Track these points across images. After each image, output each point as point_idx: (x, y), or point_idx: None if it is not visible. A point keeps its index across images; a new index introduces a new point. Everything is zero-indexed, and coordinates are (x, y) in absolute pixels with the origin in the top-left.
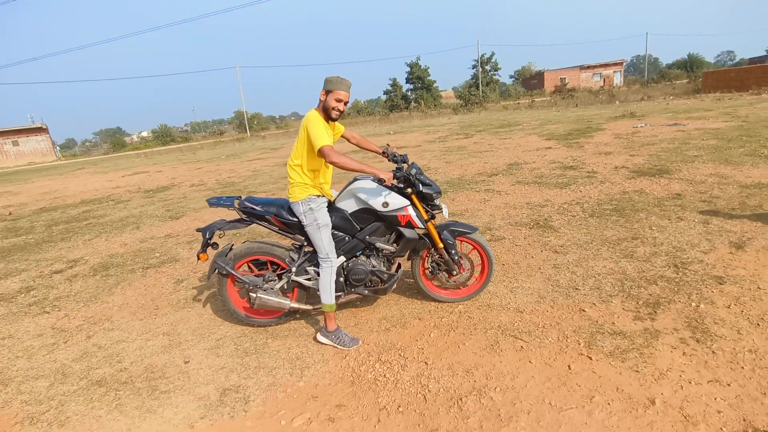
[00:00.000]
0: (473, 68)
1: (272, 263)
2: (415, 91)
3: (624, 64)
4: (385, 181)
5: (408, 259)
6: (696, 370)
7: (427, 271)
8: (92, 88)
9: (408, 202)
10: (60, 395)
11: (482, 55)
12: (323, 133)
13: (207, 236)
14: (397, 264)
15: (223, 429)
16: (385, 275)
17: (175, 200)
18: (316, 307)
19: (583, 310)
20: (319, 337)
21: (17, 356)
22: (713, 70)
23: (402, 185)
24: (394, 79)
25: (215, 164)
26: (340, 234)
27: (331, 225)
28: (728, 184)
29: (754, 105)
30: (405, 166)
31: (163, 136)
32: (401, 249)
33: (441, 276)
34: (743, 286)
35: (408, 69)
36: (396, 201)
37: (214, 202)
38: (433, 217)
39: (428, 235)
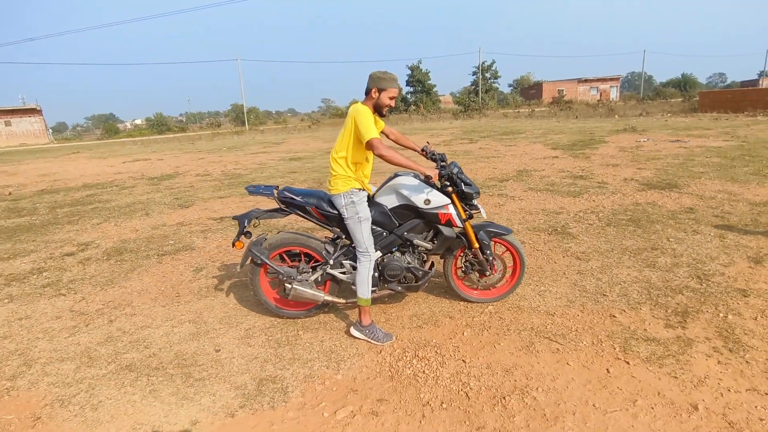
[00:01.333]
0: (473, 75)
1: (306, 255)
2: (415, 94)
3: (620, 79)
4: (431, 178)
5: (441, 258)
6: (733, 378)
7: (459, 271)
8: (86, 73)
9: (449, 201)
10: (89, 378)
11: (483, 63)
12: (372, 126)
13: (245, 224)
14: (430, 262)
15: (264, 419)
16: (420, 272)
17: (182, 189)
18: (349, 300)
19: (614, 316)
20: (353, 331)
21: (37, 337)
22: (708, 90)
23: (446, 183)
24: None
25: (218, 155)
26: (378, 229)
27: (370, 219)
28: (738, 201)
29: (751, 126)
30: (444, 164)
31: (159, 125)
32: (438, 247)
33: (473, 276)
34: (767, 300)
35: (409, 72)
36: (438, 199)
37: (253, 190)
38: (470, 216)
39: (464, 234)
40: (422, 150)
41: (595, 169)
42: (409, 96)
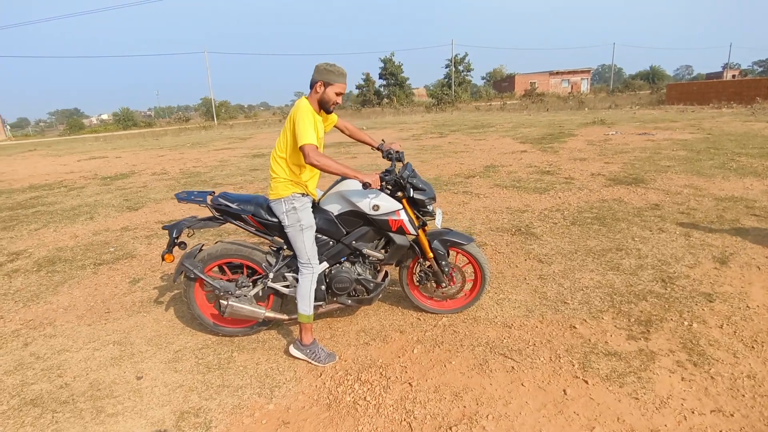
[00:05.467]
0: (446, 68)
1: (247, 267)
2: (387, 87)
3: (591, 72)
4: (371, 185)
5: (396, 266)
6: (697, 397)
7: (414, 280)
8: (50, 66)
9: (400, 206)
10: None
11: (456, 55)
12: (309, 130)
13: (174, 235)
14: (384, 272)
15: None
16: (371, 284)
17: (134, 189)
18: (292, 316)
19: (574, 327)
20: (293, 350)
21: None
22: (676, 82)
23: (391, 189)
24: (368, 74)
25: (179, 152)
26: (324, 238)
27: (314, 227)
28: (703, 197)
29: (716, 119)
30: (399, 165)
31: (125, 120)
32: (390, 256)
33: (429, 286)
34: (733, 305)
35: (382, 65)
36: (387, 204)
37: (184, 197)
38: (424, 224)
39: (418, 243)
40: (378, 147)
41: (562, 164)
42: (382, 89)
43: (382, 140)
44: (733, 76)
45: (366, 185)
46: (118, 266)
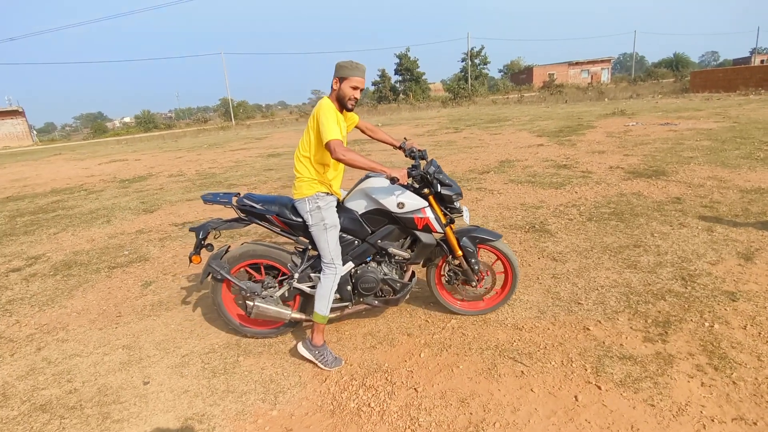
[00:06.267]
0: (462, 61)
1: (273, 268)
2: (403, 83)
3: (611, 61)
4: (398, 180)
5: (423, 266)
6: (717, 404)
7: (443, 280)
8: (73, 71)
9: (426, 203)
10: None
11: (472, 49)
12: (333, 126)
13: (200, 236)
14: (410, 272)
15: None
16: (398, 284)
17: (151, 191)
18: (309, 316)
19: (588, 329)
20: (301, 349)
21: None
22: (700, 69)
23: (418, 185)
24: (383, 70)
25: (197, 153)
26: (349, 237)
27: (339, 227)
28: (728, 189)
29: (743, 106)
30: (423, 162)
31: (146, 123)
32: (416, 255)
33: (458, 285)
34: (758, 304)
35: (397, 60)
36: (412, 201)
37: (210, 199)
38: (452, 221)
39: (446, 240)
40: (400, 146)
41: (580, 157)
42: (398, 85)
43: (405, 138)
44: (762, 61)
45: (393, 180)
46: (132, 269)
